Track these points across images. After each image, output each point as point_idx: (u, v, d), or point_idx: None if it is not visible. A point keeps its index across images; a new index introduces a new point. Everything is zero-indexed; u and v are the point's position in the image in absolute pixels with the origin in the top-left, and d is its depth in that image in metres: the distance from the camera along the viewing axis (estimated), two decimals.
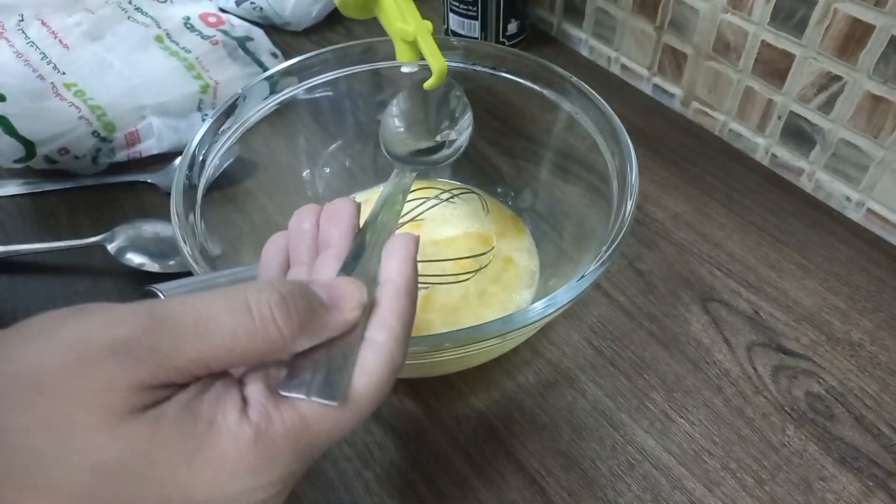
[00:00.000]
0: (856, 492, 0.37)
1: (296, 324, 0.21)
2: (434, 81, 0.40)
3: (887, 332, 0.44)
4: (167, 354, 0.19)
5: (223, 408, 0.20)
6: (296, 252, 0.29)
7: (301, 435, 0.21)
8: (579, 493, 0.37)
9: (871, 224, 0.51)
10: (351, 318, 0.24)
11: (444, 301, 0.44)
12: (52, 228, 0.51)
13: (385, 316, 0.25)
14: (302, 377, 0.22)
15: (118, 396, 0.19)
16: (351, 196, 0.30)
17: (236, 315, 0.21)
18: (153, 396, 0.19)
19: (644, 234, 0.51)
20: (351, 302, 0.24)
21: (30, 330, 0.20)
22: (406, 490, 0.38)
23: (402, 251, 0.27)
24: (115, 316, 0.20)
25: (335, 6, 0.71)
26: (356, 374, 0.23)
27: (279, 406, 0.21)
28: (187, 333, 0.20)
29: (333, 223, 0.29)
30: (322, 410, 0.22)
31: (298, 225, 0.29)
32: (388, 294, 0.25)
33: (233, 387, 0.21)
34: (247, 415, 0.21)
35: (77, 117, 0.53)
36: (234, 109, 0.43)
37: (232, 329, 0.20)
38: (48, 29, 0.60)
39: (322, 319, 0.23)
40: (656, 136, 0.59)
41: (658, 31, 0.60)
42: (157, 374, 0.19)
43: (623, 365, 0.43)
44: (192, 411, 0.20)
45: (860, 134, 0.49)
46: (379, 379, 0.23)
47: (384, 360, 0.24)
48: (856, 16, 0.45)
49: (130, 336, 0.19)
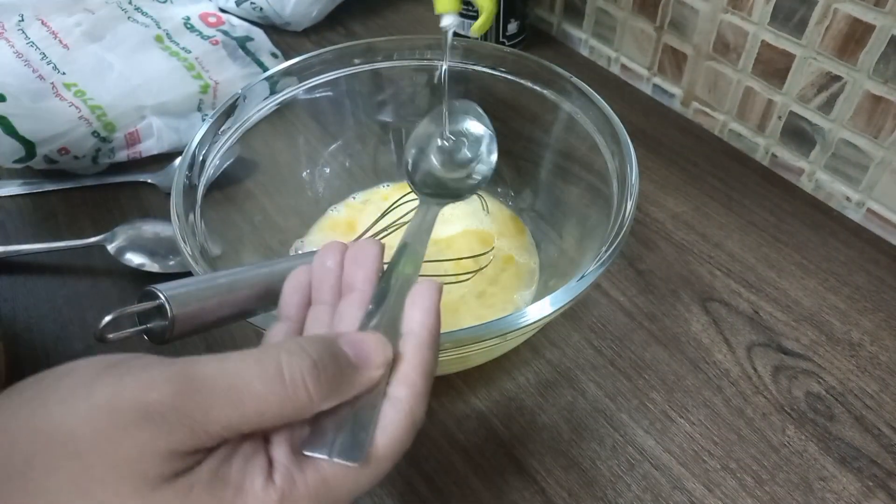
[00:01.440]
0: (856, 492, 0.37)
1: (325, 388, 0.22)
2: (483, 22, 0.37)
3: (887, 331, 0.44)
4: (199, 420, 0.20)
5: (251, 473, 0.21)
6: (318, 290, 0.29)
7: (322, 496, 0.22)
8: (579, 493, 0.37)
9: (871, 224, 0.51)
10: (376, 376, 0.24)
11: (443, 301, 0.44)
12: (52, 228, 0.51)
13: (408, 372, 0.25)
14: (325, 437, 0.23)
15: (150, 464, 0.19)
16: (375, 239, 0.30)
17: (269, 382, 0.21)
18: (184, 463, 0.20)
19: (644, 234, 0.51)
20: (377, 360, 0.24)
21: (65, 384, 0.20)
22: (406, 490, 0.38)
23: (426, 301, 0.27)
24: (147, 378, 0.20)
25: (335, 6, 0.71)
26: (378, 433, 0.23)
27: (302, 467, 0.22)
28: (220, 400, 0.20)
29: (358, 265, 0.29)
30: (343, 470, 0.22)
31: (322, 262, 0.29)
32: (411, 348, 0.25)
33: (259, 449, 0.22)
34: (272, 479, 0.21)
35: (77, 117, 0.53)
36: (234, 109, 0.43)
37: (264, 395, 0.21)
38: (48, 29, 0.60)
39: (349, 379, 0.23)
40: (656, 136, 0.59)
41: (658, 31, 0.60)
42: (189, 441, 0.20)
43: (623, 365, 0.43)
44: (222, 478, 0.20)
45: (860, 134, 0.49)
46: (399, 436, 0.23)
47: (405, 418, 0.24)
48: (856, 16, 0.45)
49: (163, 402, 0.19)
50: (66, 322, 0.45)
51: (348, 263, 0.29)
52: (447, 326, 0.42)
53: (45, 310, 0.46)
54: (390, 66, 0.48)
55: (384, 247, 0.30)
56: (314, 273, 0.29)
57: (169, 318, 0.25)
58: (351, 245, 0.30)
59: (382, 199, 0.51)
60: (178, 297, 0.26)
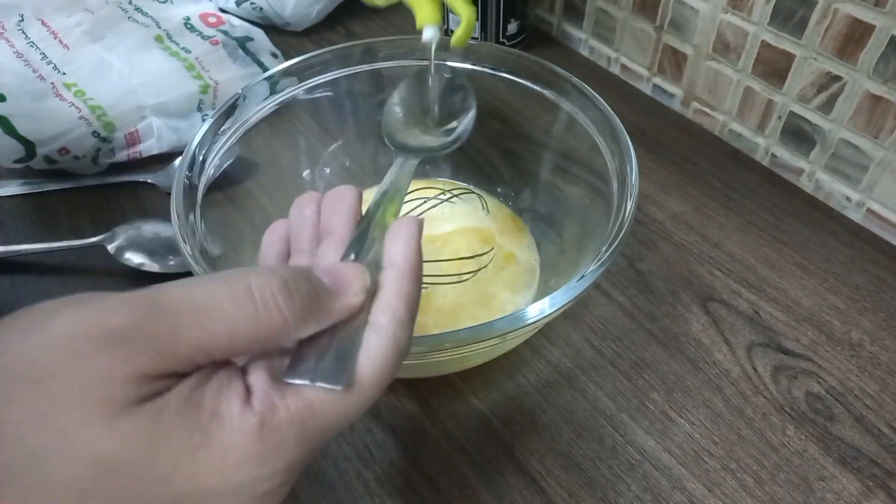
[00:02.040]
0: (856, 492, 0.37)
1: (298, 308, 0.21)
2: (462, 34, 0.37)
3: (887, 331, 0.44)
4: (167, 342, 0.19)
5: (226, 397, 0.20)
6: (297, 239, 0.28)
7: (306, 422, 0.21)
8: (579, 493, 0.37)
9: (870, 224, 0.51)
10: (355, 301, 0.23)
11: (443, 301, 0.44)
12: (52, 228, 0.51)
13: (389, 299, 0.24)
14: (306, 364, 0.22)
15: (116, 388, 0.18)
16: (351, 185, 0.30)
17: (238, 301, 0.20)
18: (153, 387, 0.19)
19: (644, 235, 0.51)
20: (354, 286, 0.24)
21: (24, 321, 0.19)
22: (406, 490, 0.38)
23: (406, 234, 0.26)
24: (111, 304, 0.19)
25: (335, 7, 0.71)
26: (361, 359, 0.23)
27: (283, 394, 0.21)
28: (187, 320, 0.19)
29: (335, 210, 0.28)
30: (327, 396, 0.21)
31: (299, 212, 0.29)
32: (391, 277, 0.25)
33: (236, 376, 0.21)
34: (250, 404, 0.20)
35: (77, 117, 0.53)
36: (234, 110, 0.43)
37: (234, 315, 0.20)
38: (48, 29, 0.60)
39: (326, 304, 0.23)
40: (656, 137, 0.59)
41: (658, 32, 0.60)
42: (156, 364, 0.19)
43: (623, 365, 0.43)
44: (195, 402, 0.19)
45: (860, 134, 0.49)
46: (384, 362, 0.23)
47: (389, 343, 0.23)
48: (855, 16, 0.45)
49: (128, 324, 0.19)
50: None
51: (325, 210, 0.29)
52: (447, 327, 0.43)
53: None
54: (390, 66, 0.48)
55: (361, 192, 0.29)
56: (292, 223, 0.29)
57: None
58: (328, 193, 0.29)
59: None
60: None
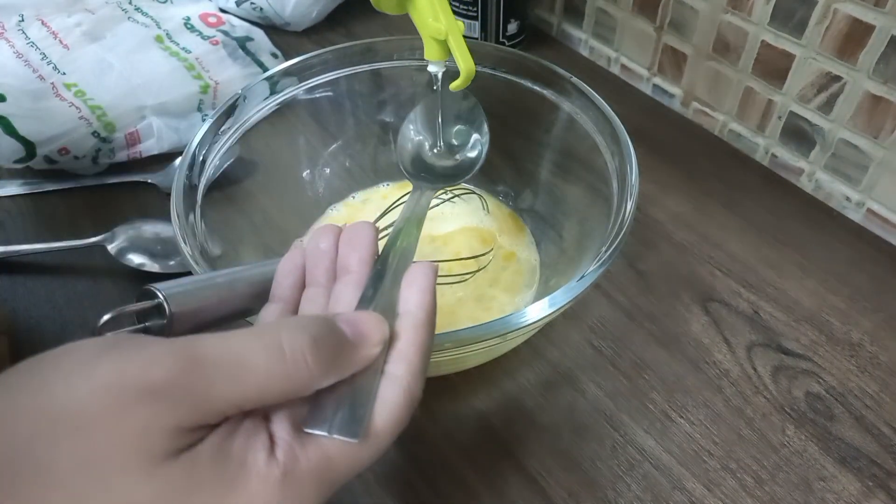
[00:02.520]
0: (856, 492, 0.37)
1: (324, 364, 0.22)
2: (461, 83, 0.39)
3: (887, 332, 0.44)
4: (202, 396, 0.20)
5: (253, 448, 0.21)
6: (312, 272, 0.29)
7: (324, 471, 0.22)
8: (579, 494, 0.37)
9: (871, 224, 0.51)
10: (374, 353, 0.24)
11: (443, 301, 0.44)
12: (53, 229, 0.51)
13: (404, 349, 0.25)
14: (324, 413, 0.23)
15: (155, 440, 0.19)
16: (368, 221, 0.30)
17: (270, 358, 0.21)
18: (188, 439, 0.20)
19: (644, 235, 0.51)
20: (374, 338, 0.24)
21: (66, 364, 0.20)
22: (406, 490, 0.38)
23: (422, 282, 0.27)
24: (150, 355, 0.20)
25: (335, 7, 0.71)
26: (376, 409, 0.24)
27: (304, 444, 0.22)
28: (223, 376, 0.21)
29: (353, 248, 0.29)
30: (344, 446, 0.22)
31: (316, 245, 0.29)
32: (407, 326, 0.26)
33: (261, 425, 0.22)
34: (274, 455, 0.21)
35: (77, 117, 0.53)
36: (234, 110, 0.43)
37: (266, 371, 0.21)
38: (48, 29, 0.60)
39: (348, 357, 0.24)
40: (656, 137, 0.59)
41: (658, 32, 0.60)
42: (192, 417, 0.20)
43: (623, 365, 0.43)
44: (225, 453, 0.21)
45: (860, 134, 0.49)
46: (398, 413, 0.24)
47: (403, 394, 0.24)
48: (855, 16, 0.45)
49: (167, 379, 0.20)
50: (66, 322, 0.45)
51: (343, 246, 0.29)
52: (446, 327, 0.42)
53: (45, 310, 0.46)
54: (390, 67, 0.48)
55: (378, 230, 0.30)
56: (308, 255, 0.29)
57: (167, 317, 0.25)
58: (346, 228, 0.30)
59: (382, 199, 0.51)
60: (176, 297, 0.26)
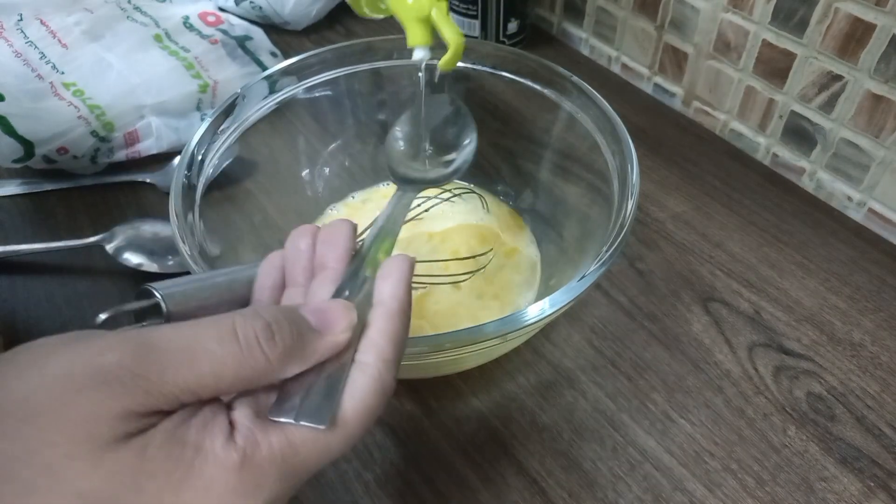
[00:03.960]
0: (857, 492, 0.37)
1: (281, 349, 0.22)
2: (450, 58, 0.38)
3: (888, 332, 0.44)
4: (154, 381, 0.20)
5: (210, 433, 0.21)
6: (291, 273, 0.29)
7: (288, 459, 0.21)
8: (580, 494, 0.37)
9: (872, 224, 0.51)
10: (341, 340, 0.24)
11: (442, 301, 0.44)
12: (51, 228, 0.51)
13: (375, 338, 0.25)
14: (291, 401, 0.23)
15: (103, 425, 0.19)
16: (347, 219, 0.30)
17: (224, 342, 0.21)
18: (140, 424, 0.20)
19: (644, 234, 0.51)
20: (341, 324, 0.24)
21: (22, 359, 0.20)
22: (406, 491, 0.37)
23: (397, 273, 0.27)
24: (102, 344, 0.20)
25: (335, 6, 0.71)
26: (345, 397, 0.23)
27: (267, 430, 0.22)
28: (175, 360, 0.20)
29: (330, 245, 0.29)
30: (310, 434, 0.22)
31: (294, 245, 0.29)
32: (379, 316, 0.25)
33: (220, 412, 0.22)
34: (233, 440, 0.21)
35: (76, 117, 0.53)
36: (233, 109, 0.43)
37: (220, 356, 0.21)
38: (47, 28, 0.60)
39: (310, 344, 0.23)
40: (657, 136, 0.59)
41: (659, 31, 0.60)
42: (143, 401, 0.20)
43: (624, 365, 0.43)
44: (180, 438, 0.20)
45: (861, 133, 0.49)
46: (368, 402, 0.23)
47: (373, 382, 0.24)
48: (857, 15, 0.45)
49: (117, 363, 0.19)
50: (65, 322, 0.45)
51: (320, 244, 0.29)
52: (446, 327, 0.42)
53: (44, 309, 0.46)
54: (390, 66, 0.48)
55: (356, 226, 0.30)
56: (287, 256, 0.29)
57: (164, 316, 0.25)
58: (323, 227, 0.30)
59: (382, 198, 0.51)
60: (173, 296, 0.26)
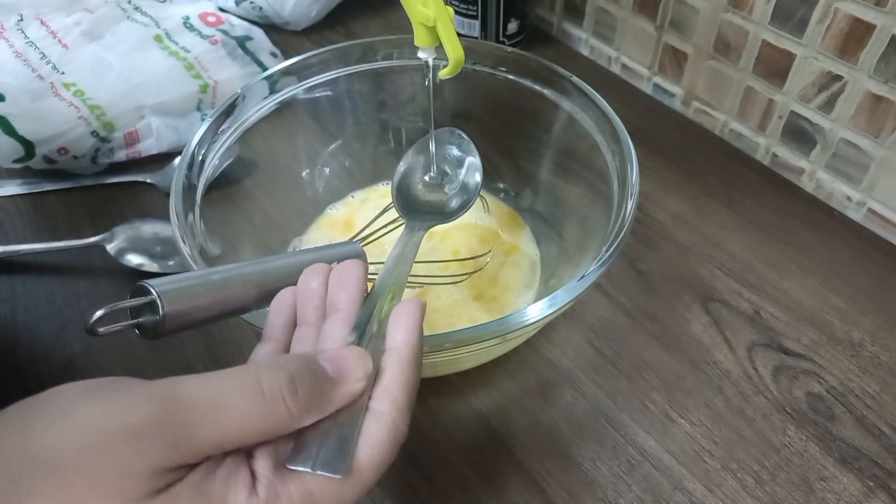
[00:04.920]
0: (856, 492, 0.37)
1: (303, 403, 0.23)
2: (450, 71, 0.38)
3: (888, 331, 0.44)
4: (182, 437, 0.20)
5: (234, 486, 0.21)
6: (303, 311, 0.29)
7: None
8: (579, 494, 0.37)
9: (871, 224, 0.51)
10: (357, 389, 0.24)
11: (442, 301, 0.44)
12: (52, 228, 0.51)
13: (389, 385, 0.25)
14: (308, 450, 0.23)
15: (134, 482, 0.19)
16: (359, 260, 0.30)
17: (248, 397, 0.22)
18: (167, 479, 0.20)
19: (644, 234, 0.51)
20: (356, 373, 0.25)
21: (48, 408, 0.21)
22: (406, 490, 0.37)
23: (408, 319, 0.27)
24: (129, 398, 0.20)
25: (335, 6, 0.71)
26: (360, 446, 0.24)
27: (286, 481, 0.22)
28: (202, 416, 0.21)
29: (342, 287, 0.29)
30: (327, 483, 0.22)
31: (306, 283, 0.29)
32: (392, 363, 0.26)
33: (243, 464, 0.22)
34: (256, 492, 0.21)
35: (76, 117, 0.53)
36: (233, 109, 0.43)
37: (246, 411, 0.21)
38: (47, 28, 0.60)
39: (329, 394, 0.24)
40: (657, 136, 0.59)
41: (658, 31, 0.60)
42: (171, 458, 0.20)
43: (623, 365, 0.43)
44: (206, 491, 0.21)
45: (861, 133, 0.49)
46: (382, 450, 0.24)
47: (387, 430, 0.24)
48: (856, 15, 0.45)
49: (146, 420, 0.20)
50: (65, 322, 0.45)
51: (332, 284, 0.29)
52: (445, 327, 0.42)
53: (44, 310, 0.46)
54: (390, 66, 0.48)
55: (367, 267, 0.30)
56: (298, 294, 0.29)
57: (160, 313, 0.25)
58: (335, 267, 0.30)
59: (381, 198, 0.51)
60: (169, 294, 0.26)
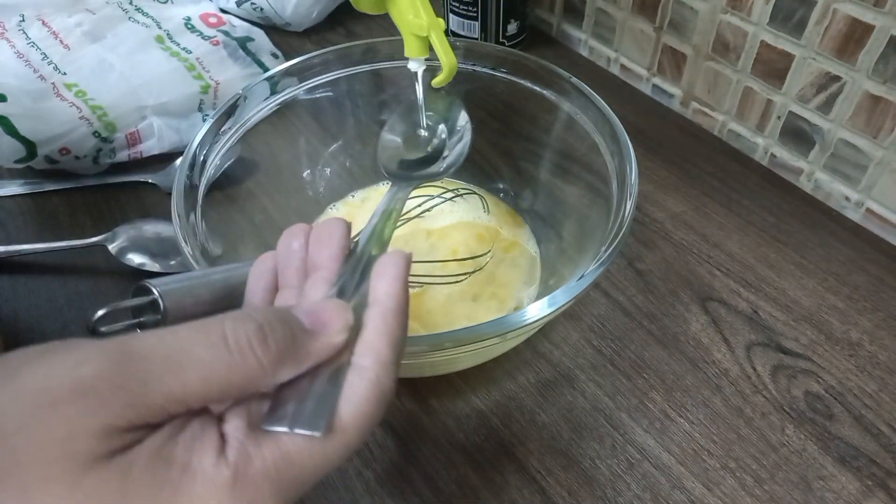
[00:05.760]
0: (855, 491, 0.37)
1: (274, 353, 0.21)
2: (444, 78, 0.39)
3: (886, 331, 0.45)
4: (137, 392, 0.18)
5: (199, 449, 0.19)
6: (284, 274, 0.27)
7: (283, 472, 0.20)
8: (579, 493, 0.37)
9: (870, 224, 0.51)
10: (336, 341, 0.23)
11: (440, 300, 0.44)
12: (53, 228, 0.51)
13: (372, 339, 0.23)
14: (285, 409, 0.21)
15: (82, 443, 0.17)
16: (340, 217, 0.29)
17: (212, 347, 0.20)
18: (122, 441, 0.18)
19: (643, 234, 0.51)
20: (336, 325, 0.23)
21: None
22: (406, 489, 0.38)
23: (393, 270, 0.25)
24: (81, 354, 0.18)
25: (335, 7, 0.71)
26: (342, 403, 0.22)
27: (259, 442, 0.20)
28: (159, 368, 0.19)
29: (323, 245, 0.27)
30: (306, 443, 0.20)
31: (287, 246, 0.28)
32: (376, 316, 0.24)
33: (210, 425, 0.20)
34: (224, 455, 0.19)
35: (78, 117, 0.53)
36: (234, 110, 0.43)
37: (208, 362, 0.19)
38: (49, 29, 0.60)
39: (305, 346, 0.22)
40: (656, 137, 0.59)
41: (657, 32, 0.60)
42: (125, 415, 0.18)
43: (622, 364, 0.43)
44: (166, 456, 0.18)
45: (859, 134, 0.49)
46: (366, 407, 0.22)
47: (371, 386, 0.22)
48: (855, 16, 0.45)
49: (96, 375, 0.18)
50: (67, 322, 0.45)
51: (313, 243, 0.28)
52: (443, 326, 0.43)
53: (46, 310, 0.46)
54: (390, 67, 0.48)
55: (350, 225, 0.29)
56: (279, 257, 0.28)
57: (161, 313, 0.25)
58: (316, 225, 0.28)
59: (381, 197, 0.50)
60: (171, 293, 0.26)
